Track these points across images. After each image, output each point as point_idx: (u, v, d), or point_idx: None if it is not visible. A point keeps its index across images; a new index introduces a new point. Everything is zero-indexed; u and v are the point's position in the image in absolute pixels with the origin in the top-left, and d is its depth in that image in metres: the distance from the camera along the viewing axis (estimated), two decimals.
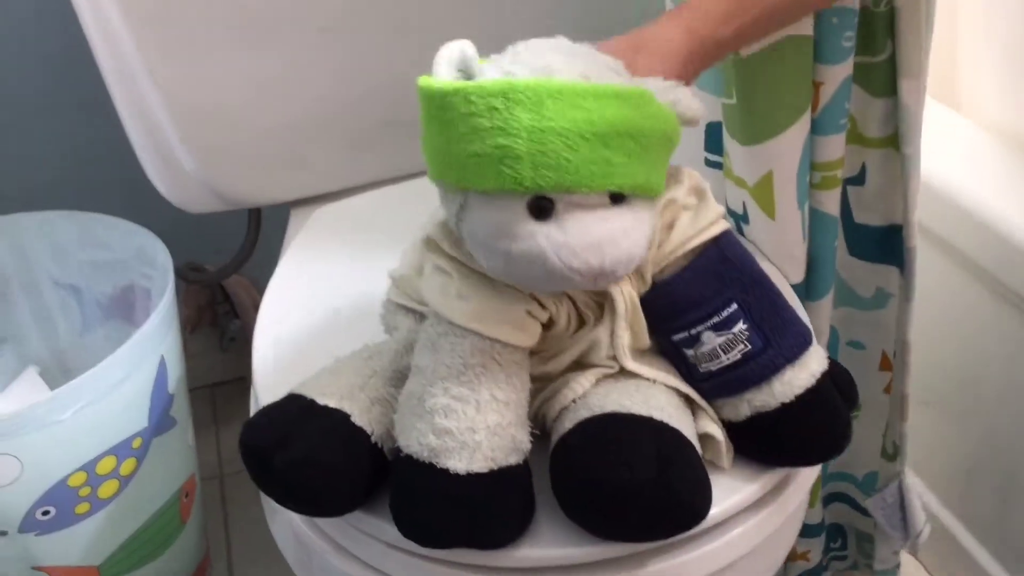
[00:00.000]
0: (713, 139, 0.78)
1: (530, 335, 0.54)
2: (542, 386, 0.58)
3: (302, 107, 0.88)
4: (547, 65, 0.49)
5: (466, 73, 0.51)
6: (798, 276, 0.74)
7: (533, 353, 0.56)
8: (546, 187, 0.47)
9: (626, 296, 0.55)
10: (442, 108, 0.49)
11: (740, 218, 0.75)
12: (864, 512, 0.91)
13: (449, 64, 0.50)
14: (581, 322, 0.57)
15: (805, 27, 0.66)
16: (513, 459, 0.53)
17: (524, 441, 0.54)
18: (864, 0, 0.67)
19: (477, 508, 0.52)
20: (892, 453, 0.84)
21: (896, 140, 0.72)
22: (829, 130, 0.70)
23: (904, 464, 0.83)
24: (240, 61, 0.84)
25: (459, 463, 0.51)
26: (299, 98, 0.88)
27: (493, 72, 0.50)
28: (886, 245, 0.77)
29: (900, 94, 0.69)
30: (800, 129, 0.69)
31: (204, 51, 0.83)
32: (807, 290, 0.77)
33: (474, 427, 0.51)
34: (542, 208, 0.48)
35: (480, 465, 0.51)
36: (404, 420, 0.54)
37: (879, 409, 0.84)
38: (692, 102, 0.52)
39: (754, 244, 0.75)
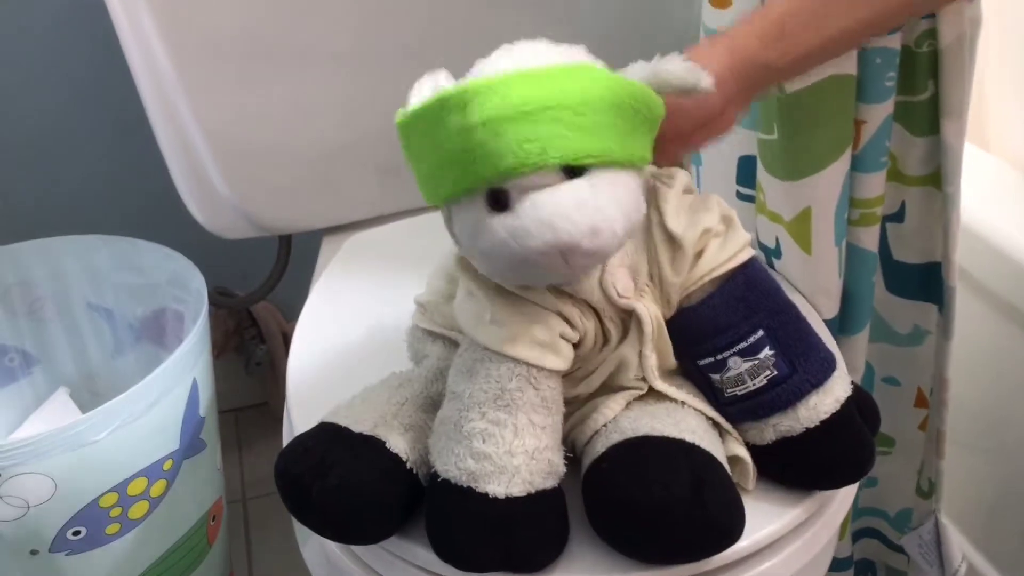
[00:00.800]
0: (744, 172, 0.79)
1: (564, 358, 0.55)
2: (572, 409, 0.58)
3: (336, 135, 0.90)
4: (481, 71, 0.50)
5: None
6: (831, 312, 0.74)
7: (564, 376, 0.56)
8: (488, 179, 0.48)
9: (652, 315, 0.56)
10: (406, 134, 0.51)
11: (772, 252, 0.75)
12: (896, 549, 0.90)
13: (421, 97, 0.52)
14: (606, 339, 0.57)
15: (848, 66, 0.67)
16: (550, 483, 0.53)
17: (559, 465, 0.54)
18: (906, 40, 0.68)
19: (516, 532, 0.52)
20: (927, 491, 0.83)
21: (935, 179, 0.72)
22: (870, 167, 0.70)
23: (940, 502, 0.83)
24: (276, 90, 0.86)
25: (498, 487, 0.51)
26: (333, 126, 0.89)
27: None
28: (924, 282, 0.76)
29: (942, 134, 0.69)
30: (841, 166, 0.69)
31: (241, 81, 0.84)
32: (842, 325, 0.76)
33: (512, 451, 0.52)
34: (497, 200, 0.49)
35: (519, 489, 0.52)
36: (440, 445, 0.54)
37: (913, 446, 0.84)
38: (675, 68, 0.52)
39: (786, 278, 0.75)
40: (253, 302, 1.14)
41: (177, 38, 0.81)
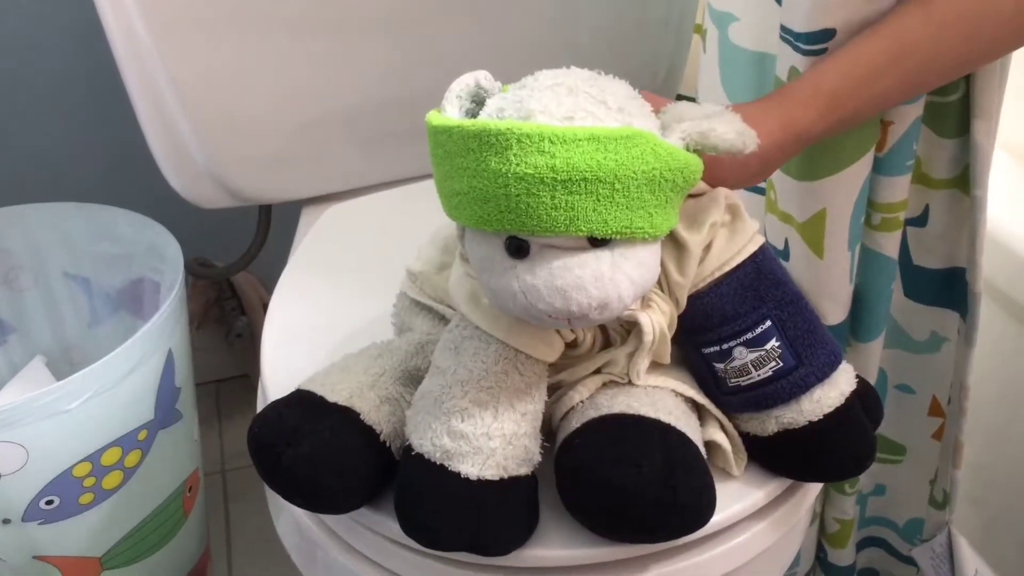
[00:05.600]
0: None
1: (554, 350, 0.54)
2: (552, 392, 0.58)
3: (317, 107, 0.89)
4: (530, 109, 0.48)
5: (479, 104, 0.51)
6: (837, 318, 0.72)
7: (551, 365, 0.55)
8: (512, 230, 0.47)
9: (655, 327, 0.55)
10: (435, 144, 0.50)
11: (780, 254, 0.72)
12: (904, 559, 0.89)
13: (458, 97, 0.51)
14: (606, 343, 0.57)
15: None
16: (523, 470, 0.53)
17: (535, 453, 0.54)
18: None
19: (484, 514, 0.52)
20: (942, 501, 0.82)
21: (961, 182, 0.69)
22: (895, 171, 0.67)
23: (953, 512, 0.81)
24: (257, 60, 0.85)
25: (471, 468, 0.51)
26: (314, 98, 0.88)
27: (494, 106, 0.50)
28: (945, 288, 0.74)
29: (973, 134, 0.66)
30: (862, 168, 0.66)
31: (220, 48, 0.83)
32: (856, 332, 0.74)
33: (490, 434, 0.51)
34: (518, 247, 0.48)
35: (492, 472, 0.51)
36: (418, 419, 0.54)
37: (926, 455, 0.82)
38: (727, 132, 0.50)
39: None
40: (233, 273, 1.13)
41: (155, 3, 0.79)
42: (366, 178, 0.94)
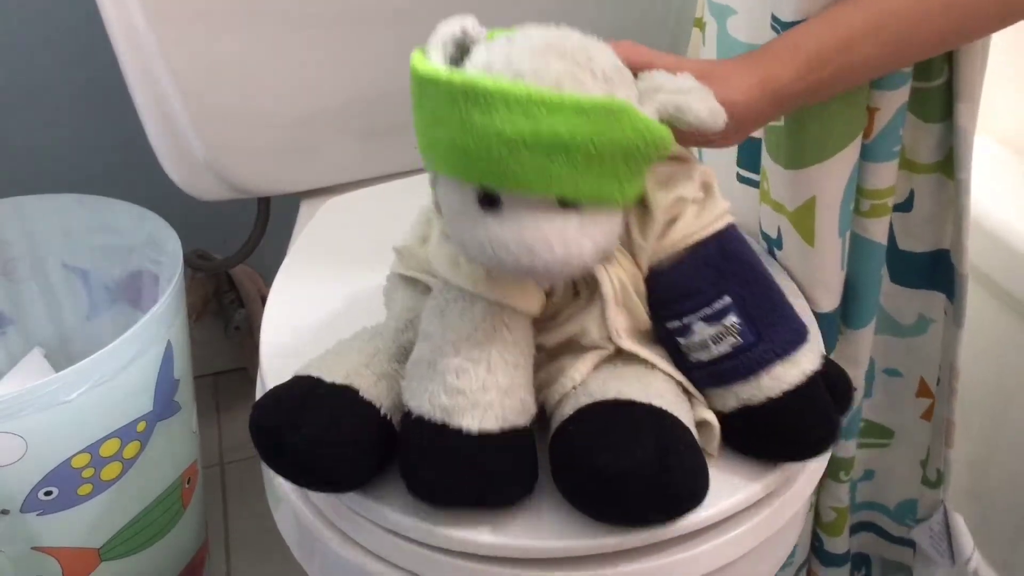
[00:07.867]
0: (746, 155, 0.76)
1: (536, 301, 0.55)
2: (539, 361, 0.58)
3: (317, 99, 0.89)
4: (520, 70, 0.49)
5: (463, 50, 0.52)
6: (831, 305, 0.72)
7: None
8: (487, 184, 0.49)
9: (614, 280, 0.56)
10: (419, 91, 0.51)
11: (774, 243, 0.73)
12: (897, 541, 0.89)
13: (443, 44, 0.52)
14: (576, 293, 0.58)
15: None
16: (522, 420, 0.54)
17: (531, 404, 0.55)
18: None
19: (488, 466, 0.52)
20: (935, 480, 0.82)
21: (945, 166, 0.70)
22: (881, 157, 0.68)
23: (948, 491, 0.82)
24: (257, 52, 0.84)
25: (471, 422, 0.52)
26: (314, 90, 0.88)
27: (481, 58, 0.51)
28: (931, 271, 0.75)
29: (956, 118, 0.67)
30: (850, 155, 0.67)
31: (221, 40, 0.83)
32: (848, 319, 0.75)
33: (485, 387, 0.52)
34: (489, 199, 0.49)
35: (492, 424, 0.52)
36: (414, 385, 0.54)
37: (916, 437, 0.82)
38: (700, 110, 0.51)
39: (787, 270, 0.73)
40: (231, 265, 1.13)
41: None
42: (365, 170, 0.94)
